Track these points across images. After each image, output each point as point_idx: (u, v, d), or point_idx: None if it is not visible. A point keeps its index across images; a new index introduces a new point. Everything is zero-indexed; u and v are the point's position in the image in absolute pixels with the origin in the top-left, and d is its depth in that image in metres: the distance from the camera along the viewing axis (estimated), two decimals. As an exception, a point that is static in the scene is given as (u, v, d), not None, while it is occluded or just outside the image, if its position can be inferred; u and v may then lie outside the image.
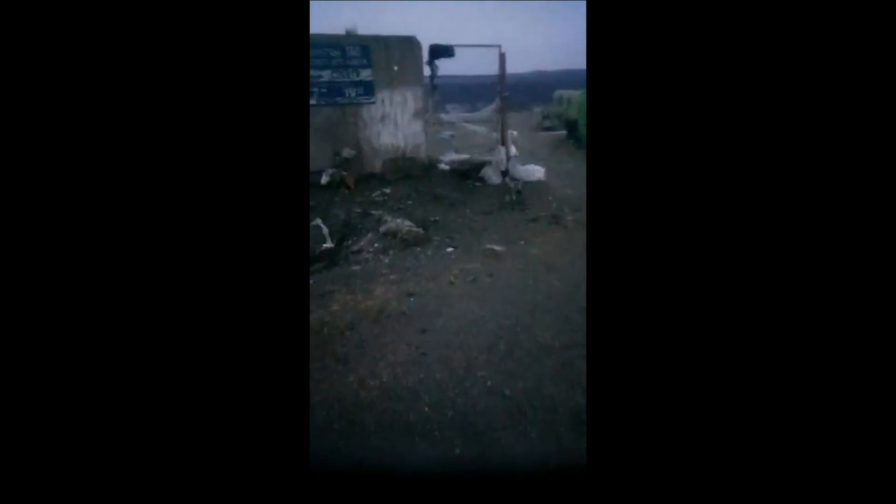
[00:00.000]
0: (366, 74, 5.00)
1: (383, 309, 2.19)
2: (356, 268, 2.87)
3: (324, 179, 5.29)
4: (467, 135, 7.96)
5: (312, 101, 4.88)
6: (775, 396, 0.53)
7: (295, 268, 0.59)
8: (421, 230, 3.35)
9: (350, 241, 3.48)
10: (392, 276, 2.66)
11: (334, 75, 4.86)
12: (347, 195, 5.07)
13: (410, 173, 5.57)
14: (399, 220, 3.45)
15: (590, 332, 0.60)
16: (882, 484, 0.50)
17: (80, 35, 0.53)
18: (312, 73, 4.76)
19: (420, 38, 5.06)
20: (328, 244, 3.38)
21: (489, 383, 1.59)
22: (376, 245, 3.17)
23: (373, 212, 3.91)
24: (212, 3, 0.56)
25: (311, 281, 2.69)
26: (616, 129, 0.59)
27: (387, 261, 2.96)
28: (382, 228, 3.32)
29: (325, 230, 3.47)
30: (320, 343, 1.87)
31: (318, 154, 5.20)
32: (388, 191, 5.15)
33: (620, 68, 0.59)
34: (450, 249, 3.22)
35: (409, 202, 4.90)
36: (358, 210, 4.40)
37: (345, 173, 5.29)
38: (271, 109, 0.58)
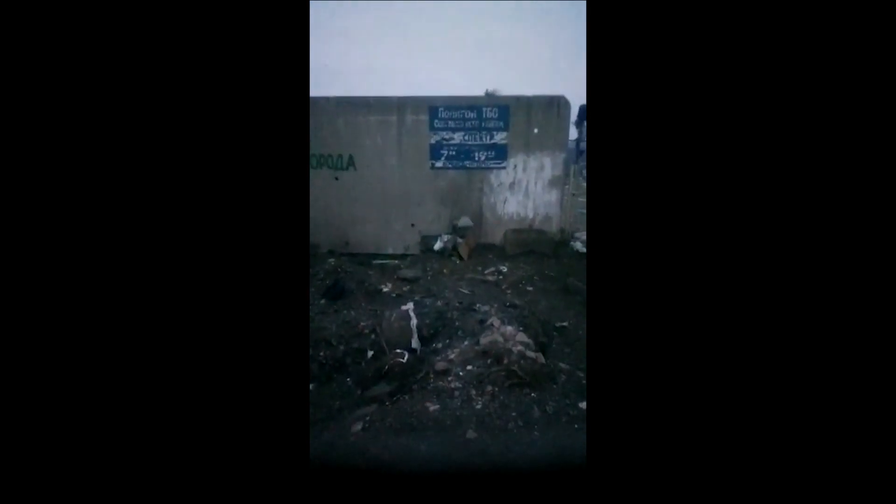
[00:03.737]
0: (500, 137, 4.29)
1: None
2: (432, 407, 1.82)
3: (437, 245, 4.63)
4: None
5: (439, 165, 4.39)
6: (773, 396, 0.53)
7: (295, 268, 0.58)
8: (539, 356, 2.13)
9: (440, 345, 2.50)
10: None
11: (466, 138, 4.29)
12: (458, 267, 4.24)
13: (536, 249, 4.45)
14: (509, 329, 2.32)
15: (590, 332, 0.60)
16: (882, 484, 0.49)
17: (80, 36, 0.51)
18: (444, 135, 4.30)
19: (569, 96, 4.14)
20: (413, 345, 2.46)
21: None
22: (469, 368, 2.08)
23: (477, 306, 2.88)
24: (211, 4, 0.54)
25: (361, 426, 1.75)
26: (617, 130, 0.57)
27: (478, 407, 1.83)
28: (484, 340, 2.23)
29: (414, 322, 2.59)
30: None
31: (436, 219, 4.61)
32: (504, 268, 4.13)
33: (620, 69, 0.57)
34: (584, 405, 1.88)
35: (529, 289, 3.73)
36: (465, 291, 3.47)
37: (459, 240, 4.54)
38: (272, 111, 0.57)
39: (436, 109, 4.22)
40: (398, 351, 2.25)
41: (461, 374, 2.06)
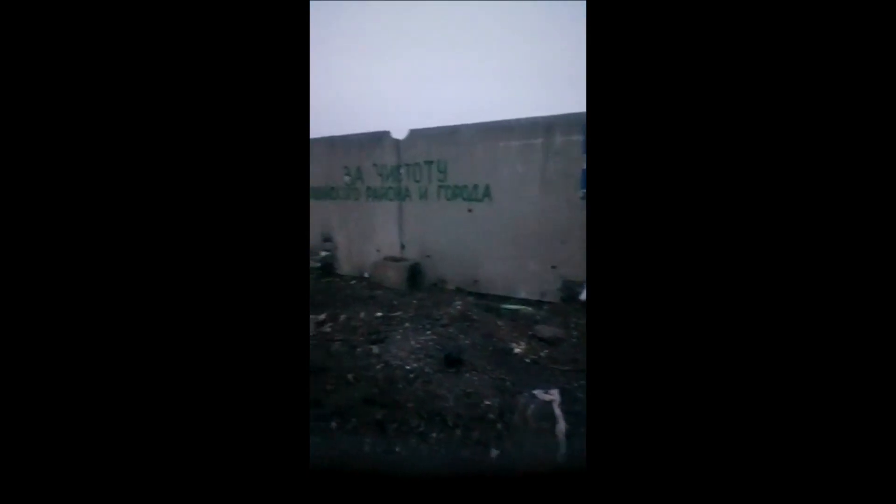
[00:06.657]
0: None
1: None
2: None
3: (583, 295, 3.60)
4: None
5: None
6: (774, 398, 0.52)
7: (295, 268, 0.57)
8: None
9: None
10: None
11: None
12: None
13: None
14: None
15: (590, 332, 0.59)
16: (882, 484, 0.48)
17: (80, 37, 0.51)
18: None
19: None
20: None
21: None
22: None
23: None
24: (211, 4, 0.53)
25: None
26: (616, 130, 0.57)
27: None
28: None
29: (562, 428, 1.73)
30: None
31: (584, 261, 3.60)
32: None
33: (620, 69, 0.56)
34: None
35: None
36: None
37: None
38: (271, 112, 0.56)
39: (594, 126, 3.31)
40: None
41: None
